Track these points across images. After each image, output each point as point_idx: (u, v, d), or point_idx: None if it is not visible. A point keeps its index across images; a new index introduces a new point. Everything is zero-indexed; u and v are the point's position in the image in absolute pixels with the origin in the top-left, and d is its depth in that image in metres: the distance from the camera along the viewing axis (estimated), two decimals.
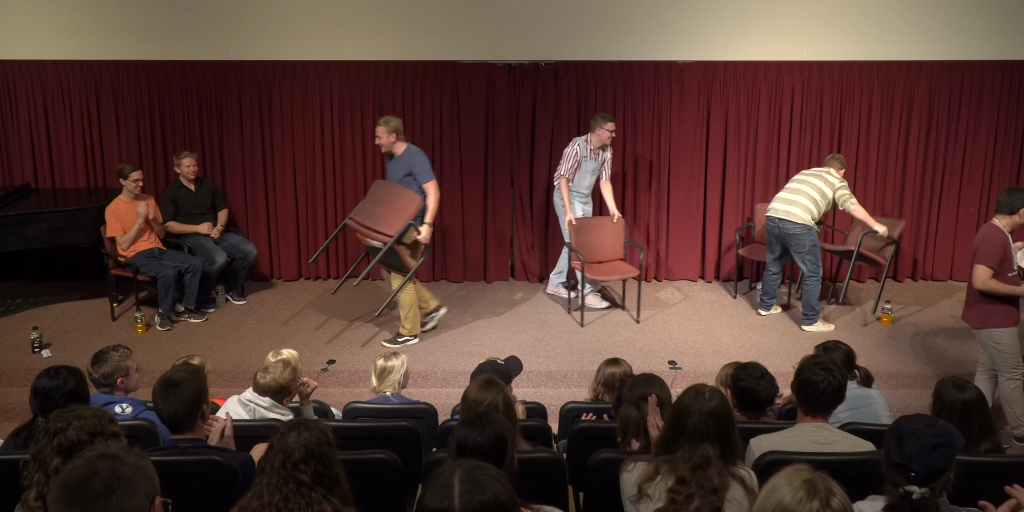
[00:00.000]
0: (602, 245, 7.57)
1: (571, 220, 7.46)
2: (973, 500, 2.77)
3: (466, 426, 2.80)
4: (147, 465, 2.10)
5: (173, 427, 3.38)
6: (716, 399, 2.97)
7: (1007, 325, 5.49)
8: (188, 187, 7.55)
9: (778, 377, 4.28)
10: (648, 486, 2.92)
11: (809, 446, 3.38)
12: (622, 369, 4.72)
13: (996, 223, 5.49)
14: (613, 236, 7.62)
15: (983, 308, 5.52)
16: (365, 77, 7.97)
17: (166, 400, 3.32)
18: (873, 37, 7.87)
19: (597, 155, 7.51)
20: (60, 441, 2.80)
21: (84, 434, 2.83)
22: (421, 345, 6.96)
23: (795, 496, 2.22)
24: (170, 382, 3.35)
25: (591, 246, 7.52)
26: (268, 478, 2.75)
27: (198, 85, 7.98)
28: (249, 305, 7.81)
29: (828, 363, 3.56)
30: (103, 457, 2.06)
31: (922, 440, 2.57)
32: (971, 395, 3.64)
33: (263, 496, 2.72)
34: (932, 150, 8.14)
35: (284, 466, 2.74)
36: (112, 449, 2.15)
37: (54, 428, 2.84)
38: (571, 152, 7.45)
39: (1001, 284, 5.43)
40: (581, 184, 7.60)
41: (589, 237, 7.54)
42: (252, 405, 4.29)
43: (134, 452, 2.13)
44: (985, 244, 5.45)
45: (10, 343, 6.94)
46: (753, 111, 8.05)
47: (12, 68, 7.94)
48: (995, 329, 5.51)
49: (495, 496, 2.01)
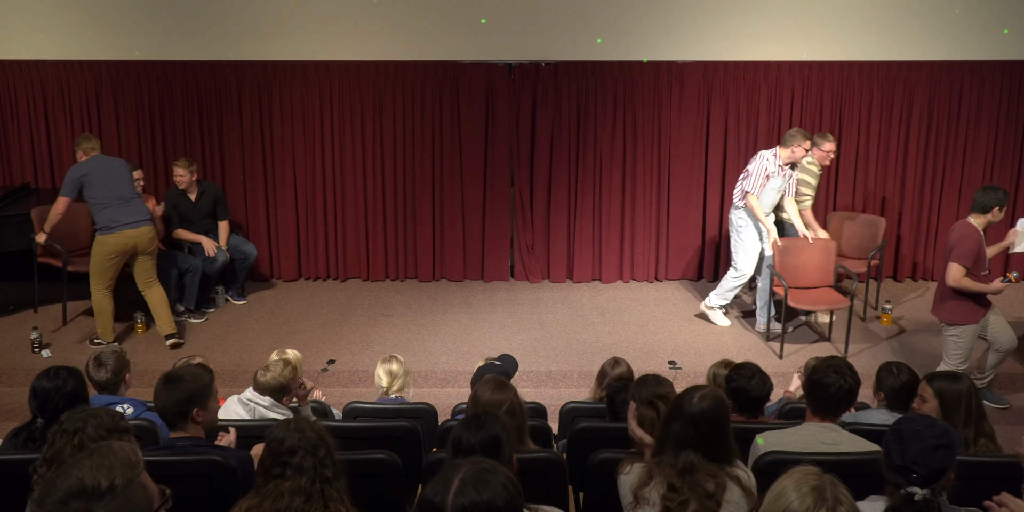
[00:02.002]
0: (808, 269, 6.85)
1: (777, 241, 6.84)
2: (973, 500, 2.77)
3: (464, 425, 2.83)
4: (124, 445, 2.13)
5: (168, 422, 3.41)
6: (706, 402, 2.91)
7: (972, 322, 5.77)
8: (187, 195, 7.47)
9: (774, 377, 4.29)
10: (643, 491, 2.91)
11: (815, 446, 3.38)
12: (624, 369, 4.74)
13: (971, 221, 5.74)
14: (823, 260, 6.88)
15: (954, 305, 5.78)
16: (365, 77, 7.97)
17: (160, 393, 3.37)
18: (873, 37, 7.87)
19: (784, 172, 6.93)
20: (81, 439, 2.88)
21: (103, 430, 2.92)
22: (421, 345, 6.96)
23: (803, 503, 2.16)
24: (170, 376, 3.41)
25: (796, 270, 6.82)
26: (295, 481, 2.74)
27: (198, 85, 7.98)
28: (249, 305, 7.81)
29: (841, 366, 3.56)
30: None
31: (924, 441, 2.57)
32: (969, 383, 3.70)
33: (284, 497, 2.72)
34: (932, 150, 8.13)
35: (315, 467, 2.77)
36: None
37: (72, 428, 2.92)
38: (759, 167, 6.84)
39: (973, 282, 5.67)
40: (763, 203, 6.93)
41: (796, 260, 6.84)
42: (252, 404, 4.29)
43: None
44: (961, 243, 5.66)
45: (10, 343, 6.94)
46: (753, 111, 8.05)
47: (12, 68, 7.94)
48: (962, 325, 5.78)
49: (491, 500, 1.99)
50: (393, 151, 8.10)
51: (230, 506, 2.81)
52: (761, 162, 6.87)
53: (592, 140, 8.09)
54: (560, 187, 8.17)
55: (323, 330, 7.27)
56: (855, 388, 3.55)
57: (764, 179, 6.85)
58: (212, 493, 3.16)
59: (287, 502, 2.71)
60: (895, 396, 4.08)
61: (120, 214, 6.51)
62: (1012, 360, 6.64)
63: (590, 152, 8.12)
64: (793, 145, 6.82)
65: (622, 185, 8.19)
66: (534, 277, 8.41)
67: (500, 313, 7.66)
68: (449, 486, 2.00)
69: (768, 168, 6.85)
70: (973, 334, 5.82)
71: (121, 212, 6.52)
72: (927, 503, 2.54)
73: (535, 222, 8.30)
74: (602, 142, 8.08)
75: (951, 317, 5.81)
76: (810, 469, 2.24)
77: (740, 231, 7.06)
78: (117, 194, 6.54)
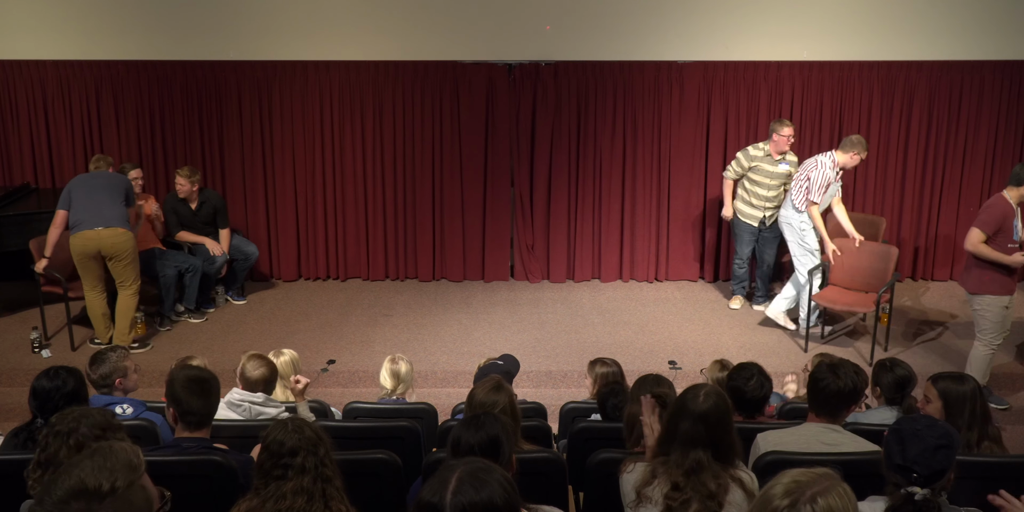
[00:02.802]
0: (864, 273, 6.90)
1: (836, 250, 6.94)
2: (973, 500, 2.77)
3: (463, 426, 2.84)
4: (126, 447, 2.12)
5: (201, 423, 3.37)
6: (711, 401, 2.92)
7: (1000, 293, 5.68)
8: (188, 204, 7.44)
9: (775, 378, 4.29)
10: (646, 490, 2.91)
11: (816, 446, 3.38)
12: (612, 369, 4.75)
13: (1004, 195, 5.72)
14: (882, 266, 6.85)
15: (978, 274, 5.71)
16: (365, 77, 7.97)
17: (204, 397, 3.34)
18: (873, 37, 7.87)
19: (838, 178, 7.03)
20: (76, 440, 2.87)
21: (97, 430, 2.91)
22: (421, 345, 6.96)
23: (776, 488, 2.12)
24: (201, 380, 3.37)
25: (851, 271, 6.95)
26: (297, 482, 2.75)
27: (198, 85, 7.98)
28: (249, 305, 7.81)
29: (841, 366, 3.56)
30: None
31: (925, 441, 2.57)
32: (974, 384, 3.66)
33: (286, 498, 2.73)
34: (932, 150, 8.13)
35: (316, 467, 2.78)
36: None
37: (65, 429, 2.90)
38: (822, 175, 6.86)
39: (991, 250, 5.61)
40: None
41: (853, 262, 6.95)
42: (245, 404, 4.26)
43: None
44: (986, 210, 5.69)
45: (10, 343, 6.94)
46: (753, 111, 8.05)
47: (12, 68, 7.94)
48: (988, 296, 5.69)
49: (489, 498, 1.99)
50: (393, 151, 8.10)
51: (230, 507, 2.81)
52: (824, 170, 6.88)
53: (592, 140, 8.09)
54: (560, 187, 8.18)
55: (323, 330, 7.27)
56: (857, 389, 3.54)
57: (825, 188, 6.93)
58: (212, 493, 3.16)
59: (289, 503, 2.72)
60: (890, 391, 4.14)
61: (85, 215, 6.44)
62: (1012, 360, 6.64)
63: (590, 152, 8.12)
64: (852, 152, 6.88)
65: (622, 185, 8.19)
66: (534, 277, 8.41)
67: (500, 313, 7.66)
68: (446, 487, 2.00)
69: (829, 177, 6.91)
70: (999, 308, 5.70)
71: (86, 214, 6.45)
72: (927, 503, 2.54)
73: (535, 222, 8.30)
74: (602, 142, 8.08)
75: (975, 287, 5.72)
76: (820, 470, 2.16)
77: (805, 234, 7.05)
78: (93, 199, 6.48)
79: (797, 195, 7.01)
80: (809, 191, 6.91)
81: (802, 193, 6.98)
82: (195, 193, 7.41)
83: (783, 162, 7.30)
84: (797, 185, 7.02)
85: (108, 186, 6.59)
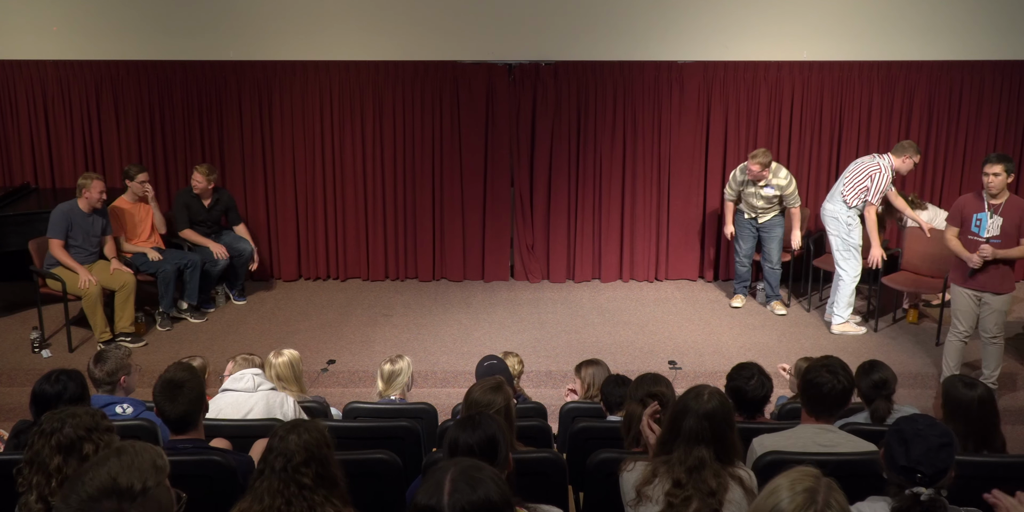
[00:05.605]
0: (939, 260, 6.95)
1: (884, 256, 7.01)
2: (972, 500, 2.77)
3: (459, 426, 2.82)
4: (150, 447, 2.11)
5: (180, 427, 3.38)
6: (715, 400, 2.94)
7: (956, 283, 6.09)
8: (201, 200, 7.51)
9: (776, 378, 4.28)
10: (647, 489, 2.91)
11: (812, 447, 3.37)
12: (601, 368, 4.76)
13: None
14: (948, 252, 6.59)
15: (954, 264, 6.07)
16: (365, 77, 7.97)
17: (174, 401, 3.33)
18: (873, 37, 7.87)
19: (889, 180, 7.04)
20: (59, 439, 2.81)
21: (81, 430, 2.84)
22: (421, 345, 6.96)
23: (792, 502, 2.13)
24: (174, 383, 3.35)
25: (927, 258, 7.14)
26: (269, 482, 2.74)
27: (198, 85, 7.98)
28: (249, 305, 7.81)
29: (834, 366, 3.54)
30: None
31: (928, 441, 2.57)
32: (983, 392, 3.64)
33: (264, 500, 2.72)
34: (932, 150, 8.13)
35: (285, 469, 2.73)
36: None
37: (50, 429, 2.85)
38: (885, 180, 6.89)
39: (957, 244, 5.98)
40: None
41: (924, 249, 7.15)
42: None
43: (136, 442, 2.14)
44: (952, 207, 6.04)
45: (10, 343, 6.94)
46: (753, 111, 8.05)
47: (12, 68, 7.94)
48: (952, 284, 6.11)
49: (486, 496, 2.00)
50: (393, 151, 8.10)
51: (230, 507, 2.81)
52: (887, 175, 6.89)
53: (592, 140, 8.09)
54: (560, 187, 8.17)
55: (323, 330, 7.27)
56: (849, 388, 3.54)
57: (884, 192, 6.98)
58: (212, 494, 3.16)
59: (269, 502, 2.71)
60: (866, 392, 4.12)
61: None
62: (1012, 360, 6.64)
63: (590, 152, 8.12)
64: (905, 156, 6.93)
65: (622, 185, 8.19)
66: (534, 277, 8.41)
67: (500, 313, 7.65)
68: (441, 489, 2.01)
69: (889, 180, 6.96)
70: (960, 296, 6.05)
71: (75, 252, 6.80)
72: (934, 502, 2.53)
73: (535, 222, 8.30)
74: (602, 142, 8.08)
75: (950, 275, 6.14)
76: (809, 470, 2.21)
77: (852, 229, 7.01)
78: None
79: (851, 194, 6.97)
80: (868, 191, 6.90)
81: (859, 194, 6.95)
82: (210, 191, 7.47)
83: (768, 186, 7.30)
84: (853, 184, 6.97)
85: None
